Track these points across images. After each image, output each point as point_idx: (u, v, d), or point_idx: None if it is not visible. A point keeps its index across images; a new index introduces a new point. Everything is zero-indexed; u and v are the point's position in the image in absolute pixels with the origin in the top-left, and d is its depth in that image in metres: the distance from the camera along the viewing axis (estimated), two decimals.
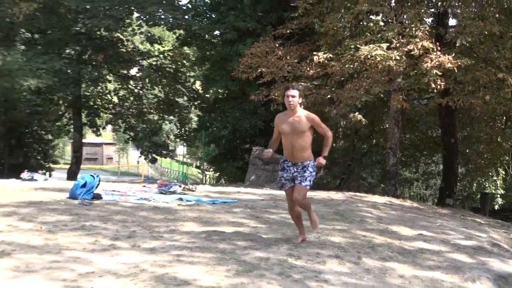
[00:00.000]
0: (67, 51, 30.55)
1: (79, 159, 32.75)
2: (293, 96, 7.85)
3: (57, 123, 35.86)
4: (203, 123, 31.27)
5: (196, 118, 36.41)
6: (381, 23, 18.38)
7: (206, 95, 32.26)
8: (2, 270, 6.41)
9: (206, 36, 29.26)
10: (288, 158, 8.08)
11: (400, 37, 17.61)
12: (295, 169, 7.98)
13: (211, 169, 36.82)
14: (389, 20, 18.90)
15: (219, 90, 29.60)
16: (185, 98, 34.28)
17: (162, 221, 9.63)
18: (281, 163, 8.23)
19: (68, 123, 35.81)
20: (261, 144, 22.55)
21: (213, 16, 28.93)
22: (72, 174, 29.17)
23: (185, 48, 32.64)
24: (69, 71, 28.69)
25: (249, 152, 22.71)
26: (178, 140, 42.12)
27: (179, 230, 8.90)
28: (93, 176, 12.64)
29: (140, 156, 38.09)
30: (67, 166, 35.91)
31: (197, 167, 47.13)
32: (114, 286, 5.99)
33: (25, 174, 19.54)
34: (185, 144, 45.88)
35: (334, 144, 27.48)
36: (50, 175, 32.36)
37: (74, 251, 7.38)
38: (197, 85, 35.28)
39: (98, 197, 12.16)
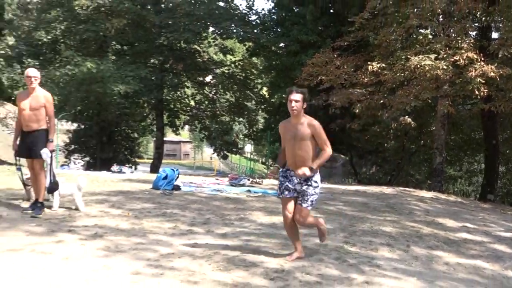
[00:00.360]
0: (152, 60, 31.04)
1: (161, 155, 33.19)
2: (296, 101, 6.42)
3: (142, 123, 36.41)
4: (269, 124, 31.37)
5: (262, 120, 36.47)
6: (430, 36, 18.12)
7: (272, 100, 32.20)
8: (95, 250, 6.57)
9: (273, 47, 29.29)
10: (291, 168, 6.55)
11: (447, 48, 17.31)
12: (298, 180, 6.46)
13: (275, 165, 36.78)
14: (437, 34, 18.62)
15: (283, 95, 29.51)
16: (253, 102, 34.35)
17: (233, 210, 9.70)
18: (284, 171, 6.67)
19: (151, 123, 36.38)
20: None
21: (279, 30, 28.92)
22: (154, 168, 29.58)
23: (254, 58, 32.69)
24: (153, 78, 29.13)
25: None
26: (246, 139, 42.29)
27: (248, 218, 8.95)
28: (173, 169, 12.81)
29: (213, 153, 38.39)
30: (150, 161, 36.46)
31: (262, 163, 47.20)
32: (191, 266, 6.07)
33: (114, 167, 19.91)
34: (252, 142, 46.01)
35: (386, 144, 27.21)
36: (135, 168, 32.89)
37: (156, 235, 7.50)
38: (264, 91, 35.31)
39: (177, 188, 12.30)
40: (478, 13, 19.20)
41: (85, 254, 6.42)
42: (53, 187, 8.62)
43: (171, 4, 30.75)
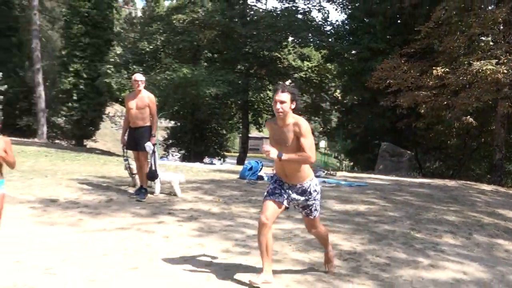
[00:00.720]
0: (238, 66, 31.30)
1: (246, 149, 33.45)
2: (281, 102, 4.73)
3: (229, 122, 36.81)
4: (342, 123, 31.14)
5: (336, 119, 36.12)
6: (491, 43, 17.53)
7: (344, 101, 31.89)
8: (190, 230, 6.71)
9: (345, 54, 28.99)
10: (283, 179, 4.97)
11: (507, 54, 16.72)
12: (292, 192, 4.92)
13: (347, 159, 36.35)
14: (498, 41, 17.98)
15: (355, 97, 29.21)
16: (328, 103, 34.10)
17: None
18: (273, 176, 5.12)
19: (238, 122, 36.71)
20: (388, 140, 22.07)
21: (351, 39, 28.63)
22: (240, 160, 29.84)
23: (328, 64, 32.41)
24: (239, 82, 29.40)
25: (378, 146, 22.28)
26: (321, 135, 42.07)
27: (323, 206, 8.85)
28: (257, 162, 12.87)
29: None
30: (236, 154, 36.88)
31: (335, 157, 46.68)
32: (274, 246, 6.08)
33: (206, 159, 20.27)
34: (326, 139, 45.65)
35: (448, 141, 26.48)
36: (224, 161, 33.33)
37: (243, 218, 7.57)
38: (337, 93, 34.97)
39: (261, 178, 12.34)
40: None
41: (182, 233, 6.57)
42: (154, 175, 8.84)
43: (255, 17, 30.98)
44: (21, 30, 32.19)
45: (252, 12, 31.96)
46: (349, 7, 29.98)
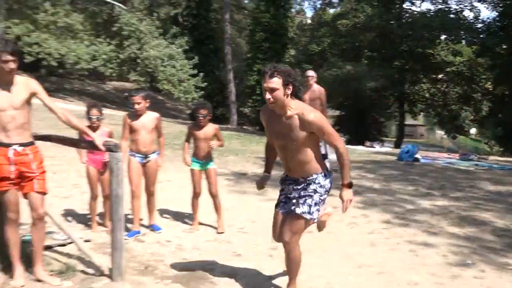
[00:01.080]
0: (395, 63, 30.23)
1: (402, 135, 32.47)
2: (272, 90, 3.10)
3: (387, 111, 35.87)
4: (492, 112, 28.89)
5: (486, 108, 33.42)
6: None
7: (495, 92, 29.38)
8: (355, 203, 6.59)
9: (496, 49, 26.68)
10: (286, 173, 3.46)
11: None
12: (295, 187, 3.37)
13: (497, 145, 33.49)
14: None
15: (505, 88, 26.78)
16: (479, 94, 31.75)
17: (463, 179, 9.02)
18: (283, 180, 3.54)
19: (395, 111, 35.59)
20: None
21: (502, 34, 26.20)
22: (397, 145, 28.92)
23: (479, 58, 30.09)
24: (396, 76, 28.57)
25: None
26: (471, 123, 39.35)
27: (476, 186, 8.27)
28: (413, 146, 12.45)
29: (444, 134, 36.35)
30: (394, 139, 35.76)
31: (485, 143, 43.30)
32: (431, 220, 5.88)
33: (367, 143, 19.97)
34: (477, 126, 42.55)
35: None
36: (383, 145, 32.44)
37: (401, 195, 7.35)
38: (488, 84, 32.32)
39: (417, 160, 11.82)
40: None
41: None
42: (323, 156, 8.86)
43: (410, 19, 29.88)
44: (217, 39, 33.96)
45: (407, 15, 30.82)
46: (500, 5, 27.45)
